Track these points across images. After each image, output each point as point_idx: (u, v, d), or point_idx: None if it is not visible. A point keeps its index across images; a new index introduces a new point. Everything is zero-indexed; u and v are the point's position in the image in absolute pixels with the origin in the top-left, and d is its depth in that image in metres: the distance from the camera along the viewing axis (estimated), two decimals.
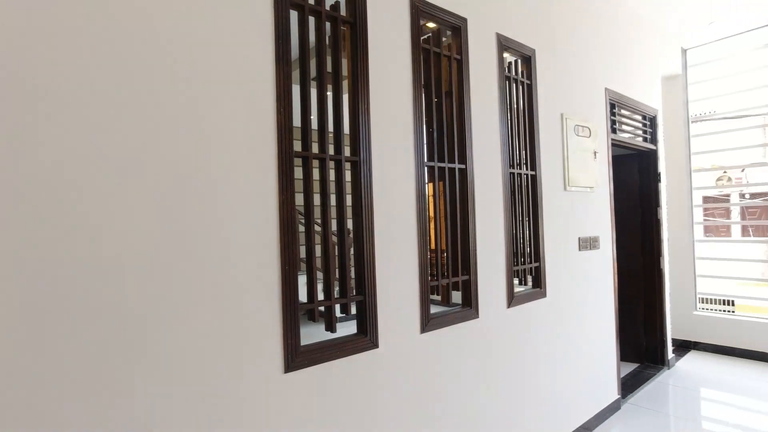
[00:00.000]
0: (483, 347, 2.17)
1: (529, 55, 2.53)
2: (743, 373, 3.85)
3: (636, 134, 3.73)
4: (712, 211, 9.29)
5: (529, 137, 2.53)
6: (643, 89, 3.73)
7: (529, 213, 2.52)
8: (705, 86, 4.57)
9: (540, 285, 2.54)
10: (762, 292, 6.11)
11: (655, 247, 3.92)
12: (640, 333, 4.03)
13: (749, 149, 5.22)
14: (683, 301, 4.52)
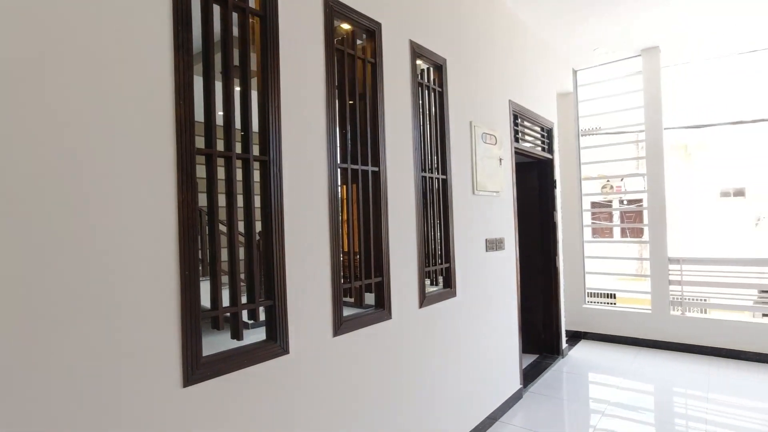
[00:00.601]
0: (396, 347, 2.20)
1: (441, 64, 2.64)
2: (622, 357, 4.37)
3: (536, 144, 4.07)
4: (598, 215, 10.60)
5: (441, 143, 2.63)
6: (542, 103, 4.08)
7: (440, 216, 2.62)
8: (592, 104, 5.13)
9: (450, 285, 2.65)
10: (637, 285, 6.98)
11: (552, 248, 4.31)
12: (540, 326, 4.40)
13: (627, 161, 5.94)
14: (574, 295, 5.02)
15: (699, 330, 4.36)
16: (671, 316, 4.51)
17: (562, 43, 4.33)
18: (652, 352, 4.47)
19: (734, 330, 4.21)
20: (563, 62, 4.74)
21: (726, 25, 4.12)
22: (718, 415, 3.21)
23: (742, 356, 4.15)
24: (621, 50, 4.55)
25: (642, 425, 3.18)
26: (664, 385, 3.77)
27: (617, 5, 3.63)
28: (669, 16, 3.87)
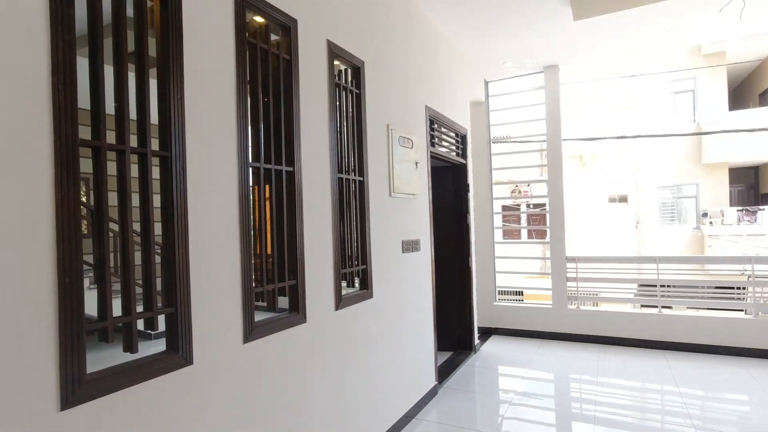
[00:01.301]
0: (311, 351, 2.16)
1: (359, 66, 2.64)
2: (528, 350, 4.71)
3: (451, 149, 4.26)
4: (508, 218, 11.43)
5: (358, 145, 2.64)
6: (456, 111, 4.28)
7: (357, 217, 2.62)
8: (503, 113, 5.49)
9: (367, 286, 2.66)
10: (541, 283, 7.55)
11: (466, 249, 4.53)
12: (454, 324, 4.60)
13: (533, 168, 6.44)
14: (486, 293, 5.31)
15: (591, 321, 4.85)
16: (569, 309, 4.96)
17: (475, 55, 4.58)
18: (553, 344, 4.88)
19: (619, 320, 4.74)
20: (476, 73, 5.02)
21: (610, 54, 4.66)
22: (604, 396, 3.58)
23: (624, 342, 4.68)
24: (526, 66, 4.93)
25: (543, 410, 3.45)
26: (562, 372, 4.13)
27: (523, 28, 3.94)
28: (564, 41, 4.28)
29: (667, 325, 4.54)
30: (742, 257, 4.69)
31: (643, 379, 3.87)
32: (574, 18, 3.71)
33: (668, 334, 4.52)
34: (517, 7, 3.61)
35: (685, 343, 4.45)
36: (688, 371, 3.95)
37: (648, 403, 3.52)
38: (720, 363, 4.12)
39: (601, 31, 4.14)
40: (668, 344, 4.51)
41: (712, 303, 4.67)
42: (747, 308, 4.43)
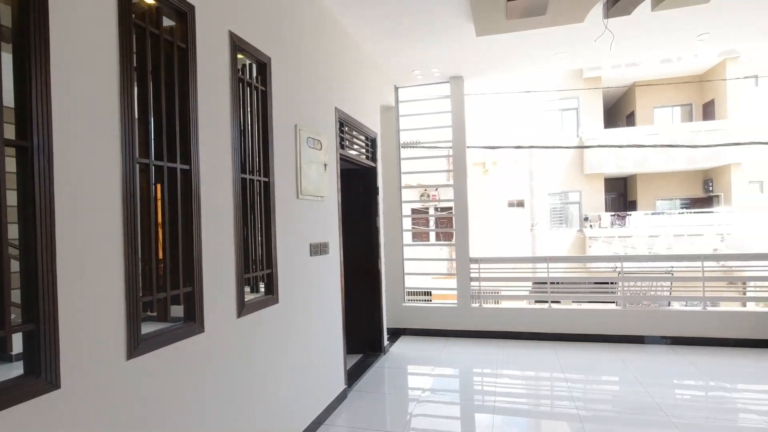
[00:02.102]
0: (210, 362, 2.01)
1: (265, 62, 2.54)
2: (435, 348, 4.89)
3: (361, 152, 4.28)
4: (417, 221, 11.88)
5: (264, 144, 2.53)
6: (367, 114, 4.32)
7: (263, 220, 2.51)
8: (413, 119, 5.66)
9: (273, 291, 2.55)
10: (448, 283, 7.88)
11: (375, 251, 4.58)
12: (364, 326, 4.62)
13: (441, 173, 6.73)
14: (395, 295, 5.43)
15: (492, 318, 5.19)
16: (472, 308, 5.25)
17: (386, 61, 4.67)
18: (459, 341, 5.12)
19: (516, 316, 5.13)
20: (387, 78, 5.12)
21: (510, 70, 5.06)
22: (503, 386, 3.84)
23: (521, 336, 5.07)
24: (434, 75, 5.15)
25: (449, 405, 3.60)
26: (467, 367, 4.35)
27: (430, 38, 4.10)
28: (469, 54, 4.55)
29: (555, 319, 5.01)
30: (614, 256, 5.37)
31: (536, 369, 4.22)
32: (476, 34, 3.95)
33: (556, 327, 5.00)
34: (425, 19, 3.75)
35: (570, 333, 4.95)
36: (572, 359, 4.39)
37: (540, 390, 3.85)
38: (597, 349, 4.64)
39: (501, 49, 4.47)
40: (557, 335, 4.98)
41: (592, 297, 5.27)
42: (618, 300, 5.07)
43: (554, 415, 3.30)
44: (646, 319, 4.80)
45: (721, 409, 3.31)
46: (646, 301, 5.22)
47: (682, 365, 4.12)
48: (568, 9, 3.63)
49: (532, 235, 14.76)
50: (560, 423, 3.16)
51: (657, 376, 3.89)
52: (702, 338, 4.62)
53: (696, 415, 3.16)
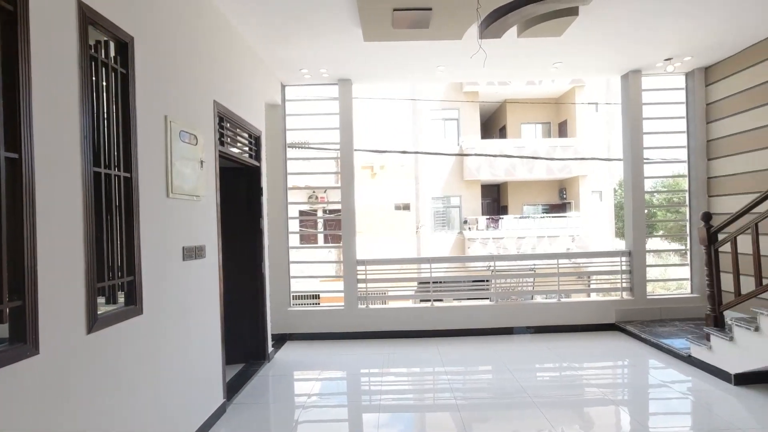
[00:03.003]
0: (50, 390, 1.68)
1: (127, 41, 2.24)
2: (322, 352, 4.82)
3: (244, 150, 4.05)
4: (306, 223, 11.68)
5: (125, 135, 2.22)
6: (250, 111, 4.09)
7: (123, 220, 2.20)
8: (301, 119, 5.54)
9: (135, 301, 2.25)
10: (337, 285, 7.85)
11: (258, 254, 4.36)
12: (246, 334, 4.36)
13: (329, 175, 6.70)
14: (280, 299, 5.24)
15: (379, 318, 5.29)
16: (359, 309, 5.30)
17: (272, 57, 4.50)
18: (347, 343, 5.12)
19: (401, 315, 5.31)
20: (273, 75, 4.93)
21: (397, 77, 5.23)
22: (389, 385, 3.93)
23: (407, 335, 5.26)
24: (322, 76, 5.10)
25: (336, 408, 3.56)
26: (354, 369, 4.36)
27: (317, 39, 4.04)
28: (357, 58, 4.59)
29: (438, 316, 5.30)
30: (488, 256, 5.86)
31: (420, 365, 4.40)
32: (364, 38, 4.00)
33: (439, 324, 5.29)
34: (313, 19, 3.69)
35: (451, 329, 5.28)
36: (453, 353, 4.68)
37: (424, 385, 4.02)
38: (474, 342, 5.02)
39: (389, 57, 4.60)
40: (439, 332, 5.27)
41: (470, 294, 5.69)
42: (491, 296, 5.55)
43: (436, 407, 3.47)
44: (514, 312, 5.33)
45: (572, 385, 3.80)
46: (514, 296, 5.80)
47: (542, 351, 4.65)
48: (448, 26, 3.88)
49: (418, 237, 15.54)
50: (441, 414, 3.33)
51: (522, 362, 4.33)
52: (558, 326, 5.28)
53: (553, 393, 3.58)
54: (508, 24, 3.54)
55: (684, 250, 5.72)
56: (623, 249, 5.57)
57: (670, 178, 11.29)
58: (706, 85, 5.35)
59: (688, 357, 4.04)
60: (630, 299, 5.36)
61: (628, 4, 3.67)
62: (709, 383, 3.64)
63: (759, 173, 4.59)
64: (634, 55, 4.84)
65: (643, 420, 3.15)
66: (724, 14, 3.94)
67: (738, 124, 4.89)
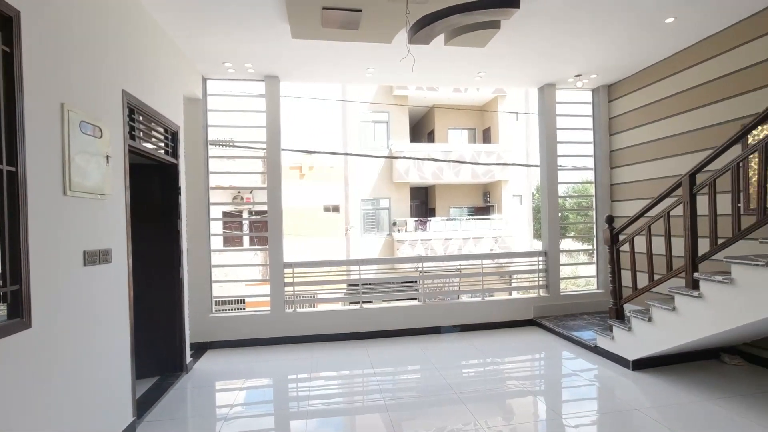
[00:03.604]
0: None
1: (11, 15, 1.96)
2: (247, 359, 4.60)
3: (159, 146, 3.74)
4: (230, 225, 11.14)
5: (8, 123, 1.94)
6: (166, 103, 3.80)
7: (7, 221, 1.92)
8: (225, 115, 5.25)
9: (21, 314, 1.97)
10: (262, 289, 7.59)
11: (176, 258, 4.05)
12: (161, 344, 4.03)
13: (256, 174, 6.43)
14: (201, 306, 4.92)
15: (307, 322, 5.16)
16: (286, 313, 5.13)
17: (191, 48, 4.22)
18: (273, 349, 4.93)
19: (330, 318, 5.23)
20: (193, 67, 4.63)
21: (326, 77, 5.14)
22: (318, 389, 3.83)
23: (336, 338, 5.18)
24: (248, 71, 4.88)
25: (262, 417, 3.41)
26: (281, 375, 4.21)
27: (241, 32, 3.86)
28: (285, 56, 4.45)
29: (367, 318, 5.29)
30: (416, 257, 5.97)
31: (349, 368, 4.35)
32: (292, 35, 3.89)
33: (368, 325, 5.28)
34: (237, 11, 3.52)
35: (380, 330, 5.29)
36: (382, 354, 4.69)
37: (354, 388, 3.97)
38: (403, 343, 5.07)
39: (318, 56, 4.51)
40: (368, 334, 5.26)
41: (399, 295, 5.75)
42: (419, 297, 5.65)
43: (365, 410, 3.44)
44: (441, 311, 5.47)
45: (494, 379, 3.97)
46: (441, 296, 5.96)
47: (467, 348, 4.82)
48: (378, 29, 3.89)
49: (347, 239, 15.49)
50: (371, 415, 3.31)
51: (449, 360, 4.45)
52: (482, 323, 5.51)
53: (477, 388, 3.72)
54: (435, 32, 3.64)
55: (591, 250, 6.25)
56: (540, 249, 5.95)
57: (580, 184, 12.34)
58: (609, 101, 5.91)
59: (595, 347, 4.41)
60: (546, 296, 5.74)
61: (544, 23, 3.93)
62: (612, 370, 3.99)
63: (654, 181, 5.14)
64: (548, 70, 5.20)
65: (557, 407, 3.37)
66: (622, 40, 4.37)
67: (636, 137, 5.45)
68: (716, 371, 3.86)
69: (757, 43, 3.87)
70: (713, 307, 3.17)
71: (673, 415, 3.09)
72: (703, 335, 3.28)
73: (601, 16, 3.88)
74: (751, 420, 2.97)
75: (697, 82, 4.51)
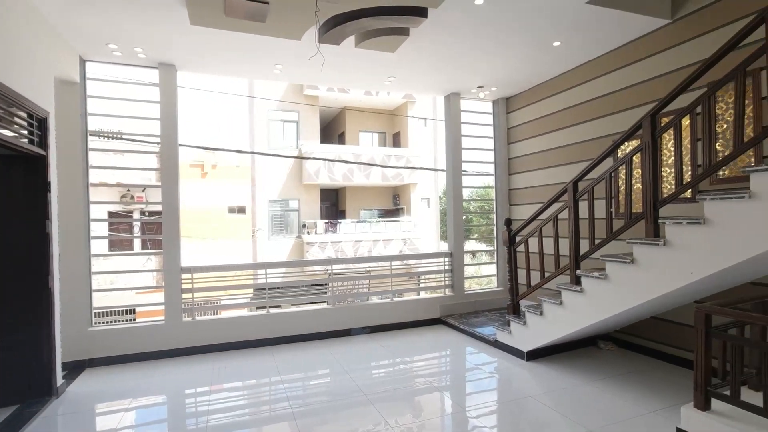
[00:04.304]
0: None
1: None
2: (136, 376, 4.12)
3: (21, 134, 3.19)
4: (118, 226, 9.94)
5: None
6: (30, 84, 3.24)
7: None
8: (110, 103, 4.65)
9: None
10: (157, 297, 6.92)
11: (44, 265, 3.47)
12: (22, 365, 3.42)
13: (149, 171, 5.83)
14: (77, 318, 4.31)
15: (208, 331, 4.79)
16: (184, 322, 4.71)
17: (65, 23, 3.67)
18: (168, 362, 4.49)
19: (234, 325, 4.91)
20: (67, 45, 4.04)
21: (231, 71, 4.82)
22: (220, 402, 3.56)
23: (241, 346, 4.88)
24: (138, 56, 4.39)
25: None
26: (176, 390, 3.83)
27: (130, 11, 3.45)
28: (183, 42, 4.08)
29: (274, 323, 5.06)
30: (325, 260, 5.87)
31: (255, 377, 4.11)
32: (190, 21, 3.59)
33: (275, 331, 5.05)
34: None
35: (288, 336, 5.10)
36: (289, 360, 4.51)
37: (260, 397, 3.75)
38: (312, 347, 4.94)
39: (222, 47, 4.20)
40: (276, 340, 5.03)
41: (308, 299, 5.59)
42: (329, 300, 5.56)
43: (272, 419, 3.26)
44: (352, 313, 5.44)
45: (403, 379, 4.03)
46: (351, 298, 5.92)
47: (377, 349, 4.84)
48: (287, 24, 3.75)
49: (254, 242, 14.82)
50: (278, 425, 3.15)
51: (359, 362, 4.43)
52: (392, 324, 5.58)
53: (387, 389, 3.73)
54: (346, 33, 3.60)
55: (493, 251, 6.68)
56: (446, 251, 6.21)
57: (482, 188, 13.21)
58: (507, 112, 6.38)
59: (495, 342, 4.69)
60: (451, 295, 6.00)
61: (451, 35, 4.11)
62: (509, 362, 4.27)
63: (546, 187, 5.65)
64: (454, 80, 5.45)
65: (461, 401, 3.51)
66: (519, 58, 4.76)
67: (530, 147, 5.94)
68: (594, 356, 4.33)
69: (629, 69, 4.44)
70: (592, 300, 3.54)
71: (560, 399, 3.40)
72: (585, 325, 3.65)
73: (501, 35, 4.15)
74: (622, 398, 3.37)
75: (580, 101, 5.05)
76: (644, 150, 3.19)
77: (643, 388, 3.54)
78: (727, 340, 2.62)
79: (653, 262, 3.06)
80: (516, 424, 3.12)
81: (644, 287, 3.12)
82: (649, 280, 3.08)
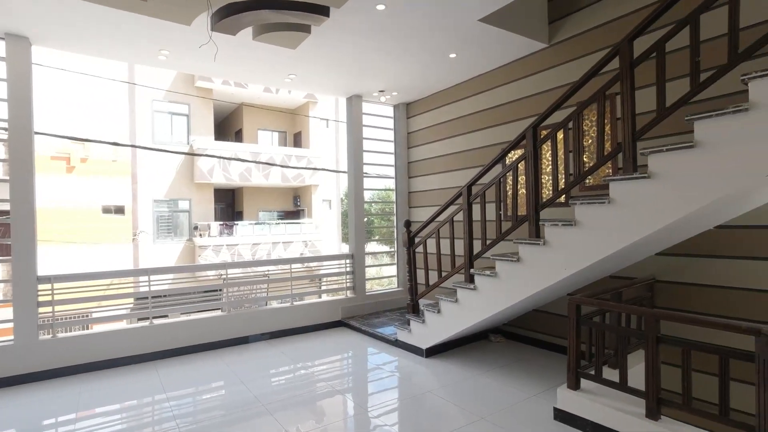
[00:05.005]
0: None
1: None
2: None
3: None
4: None
5: None
6: None
7: None
8: None
9: None
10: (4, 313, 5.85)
11: None
12: None
13: None
14: None
15: (75, 349, 4.15)
16: (41, 341, 4.02)
17: None
18: (21, 389, 3.79)
19: (108, 340, 4.32)
20: None
21: (104, 51, 4.22)
22: (85, 430, 3.09)
23: (117, 363, 4.31)
24: None
25: None
26: (32, 421, 3.24)
27: None
28: (33, 11, 3.47)
29: (159, 335, 4.57)
30: (219, 264, 5.48)
31: (134, 397, 3.66)
32: None
33: (160, 344, 4.57)
34: None
35: (176, 348, 4.64)
36: (176, 375, 4.11)
37: (141, 420, 3.33)
38: (204, 358, 4.56)
39: (92, 21, 3.66)
40: (161, 353, 4.55)
41: (199, 306, 5.16)
42: (223, 306, 5.19)
43: None
44: (249, 320, 5.15)
45: (304, 384, 3.90)
46: (248, 303, 5.61)
47: (276, 356, 4.63)
48: (174, 6, 3.43)
49: (135, 246, 13.34)
50: None
51: (257, 371, 4.19)
52: (292, 329, 5.40)
53: (287, 396, 3.58)
54: (242, 23, 3.39)
55: (393, 252, 6.84)
56: (348, 252, 6.20)
57: (383, 190, 13.50)
58: (407, 117, 6.59)
59: (396, 341, 4.80)
60: (353, 297, 6.00)
61: (353, 36, 4.10)
62: (409, 360, 4.40)
63: (443, 190, 5.94)
64: (356, 82, 5.48)
65: (363, 402, 3.51)
66: (418, 65, 4.95)
67: (428, 152, 6.21)
68: (486, 349, 4.66)
69: (515, 84, 4.87)
70: (484, 296, 3.80)
71: (455, 391, 3.58)
72: (479, 320, 3.90)
73: (401, 41, 4.26)
74: (510, 385, 3.66)
75: (474, 110, 5.41)
76: (527, 159, 3.51)
77: (527, 375, 3.89)
78: (592, 327, 3.00)
79: (535, 260, 3.37)
80: (415, 418, 3.20)
81: (528, 283, 3.43)
82: (533, 276, 3.40)
